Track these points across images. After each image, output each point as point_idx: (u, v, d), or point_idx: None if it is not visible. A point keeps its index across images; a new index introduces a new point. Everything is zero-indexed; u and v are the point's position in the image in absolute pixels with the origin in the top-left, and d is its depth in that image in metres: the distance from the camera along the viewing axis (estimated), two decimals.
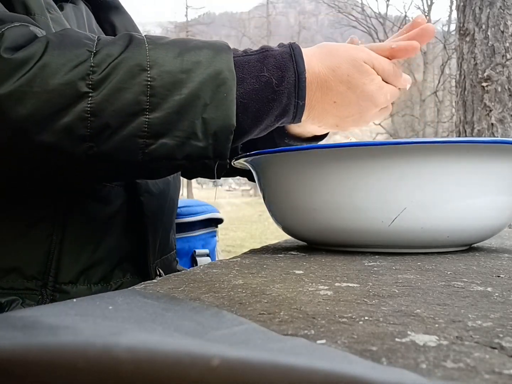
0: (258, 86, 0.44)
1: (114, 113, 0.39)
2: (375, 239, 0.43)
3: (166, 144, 0.41)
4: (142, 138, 0.41)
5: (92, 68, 0.39)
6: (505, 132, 2.21)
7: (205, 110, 0.41)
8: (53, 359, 0.12)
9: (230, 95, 0.42)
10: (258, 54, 0.45)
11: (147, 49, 0.41)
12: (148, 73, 0.40)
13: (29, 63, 0.38)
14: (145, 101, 0.40)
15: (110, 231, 0.51)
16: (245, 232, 7.64)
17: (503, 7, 2.24)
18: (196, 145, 0.42)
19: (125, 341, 0.13)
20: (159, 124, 0.41)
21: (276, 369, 0.12)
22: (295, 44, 0.47)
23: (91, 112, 0.39)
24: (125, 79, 0.40)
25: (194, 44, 0.44)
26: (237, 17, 41.40)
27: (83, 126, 0.39)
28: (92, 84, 0.39)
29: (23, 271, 0.46)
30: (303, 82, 0.46)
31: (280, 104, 0.45)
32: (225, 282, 0.30)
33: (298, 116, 0.48)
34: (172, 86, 0.41)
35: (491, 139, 0.41)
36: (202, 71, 0.42)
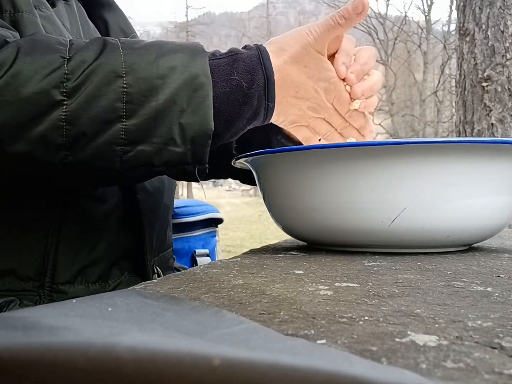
0: (229, 89, 0.44)
1: (90, 120, 0.39)
2: (375, 239, 0.43)
3: (144, 151, 0.41)
4: (119, 145, 0.40)
5: (66, 75, 0.38)
6: (505, 132, 2.21)
7: (182, 116, 0.41)
8: (54, 359, 0.12)
9: (207, 100, 0.42)
10: (227, 57, 0.45)
11: (121, 54, 0.41)
12: (124, 79, 0.40)
13: (0, 71, 0.37)
14: (122, 108, 0.39)
15: (106, 230, 0.51)
16: (245, 232, 7.64)
17: (503, 7, 2.24)
18: (174, 151, 0.41)
19: (126, 341, 0.13)
20: (136, 131, 0.40)
21: (276, 369, 0.12)
22: (262, 46, 0.47)
23: (66, 121, 0.38)
24: (100, 86, 0.39)
25: (169, 48, 0.43)
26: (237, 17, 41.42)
27: (58, 135, 0.38)
28: (66, 92, 0.38)
29: (19, 272, 0.45)
30: (272, 84, 0.46)
31: (251, 107, 0.45)
32: (225, 282, 0.30)
33: (268, 117, 0.48)
34: (148, 92, 0.40)
35: (491, 139, 0.41)
36: (178, 76, 0.41)
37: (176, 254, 0.83)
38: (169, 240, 0.67)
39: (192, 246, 0.87)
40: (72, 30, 0.54)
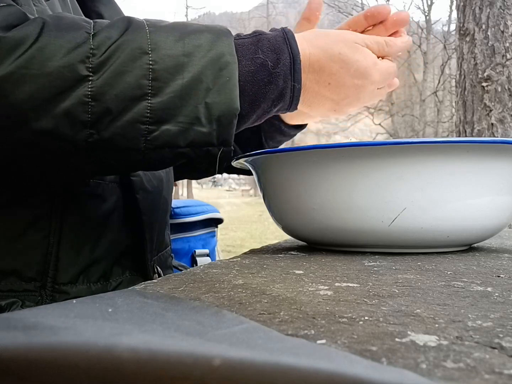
0: (254, 68, 0.43)
1: (115, 97, 0.38)
2: (375, 239, 0.43)
3: (169, 131, 0.40)
4: (144, 124, 0.39)
5: (92, 50, 0.38)
6: (505, 132, 2.21)
7: (207, 95, 0.40)
8: (55, 359, 0.12)
9: (232, 79, 0.41)
10: (252, 37, 0.45)
11: (147, 31, 0.40)
12: (150, 56, 0.39)
13: (25, 43, 0.37)
14: (147, 85, 0.39)
15: (107, 229, 0.51)
16: (245, 232, 7.64)
17: (503, 7, 2.24)
18: (200, 131, 0.40)
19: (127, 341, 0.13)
20: (161, 110, 0.39)
21: (277, 369, 0.12)
22: (287, 28, 0.47)
23: (91, 97, 0.38)
24: (126, 62, 0.38)
25: (195, 28, 0.42)
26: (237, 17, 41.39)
27: (83, 111, 0.38)
28: (92, 67, 0.38)
29: (21, 273, 0.45)
30: (298, 64, 0.45)
31: (277, 87, 0.44)
32: (225, 282, 0.30)
33: (295, 101, 0.47)
34: (174, 70, 0.40)
35: (491, 139, 0.41)
36: (203, 54, 0.41)
37: (176, 254, 0.83)
38: (167, 239, 0.67)
39: (192, 246, 0.87)
40: None
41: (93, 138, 0.39)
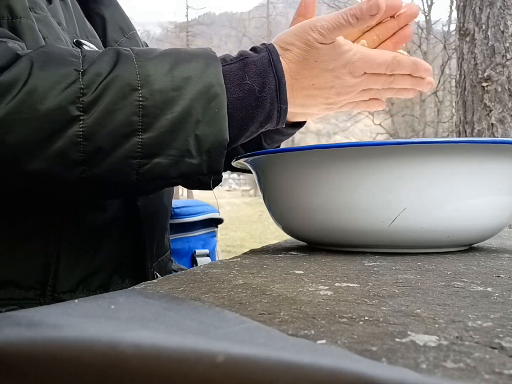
0: (242, 94, 0.44)
1: (107, 135, 0.39)
2: (375, 239, 0.43)
3: (160, 164, 0.41)
4: (136, 158, 0.40)
5: (82, 90, 0.38)
6: (505, 132, 2.21)
7: (197, 127, 0.41)
8: (59, 354, 0.12)
9: (221, 110, 0.42)
10: (238, 62, 0.45)
11: (136, 66, 0.40)
12: (140, 92, 0.40)
13: (15, 87, 0.37)
14: (138, 121, 0.39)
15: (107, 238, 0.51)
16: (245, 232, 7.64)
17: (503, 7, 2.24)
18: (190, 163, 0.41)
19: (131, 337, 0.13)
20: (152, 144, 0.40)
21: (280, 366, 0.12)
22: (271, 46, 0.47)
23: (83, 136, 0.38)
24: (116, 100, 0.39)
25: (183, 57, 0.43)
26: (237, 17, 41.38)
27: (75, 151, 0.38)
28: (83, 107, 0.38)
29: (20, 282, 0.45)
30: (283, 86, 0.46)
31: (264, 110, 0.45)
32: (225, 282, 0.30)
33: (282, 120, 0.48)
34: (164, 105, 0.40)
35: (491, 139, 0.41)
36: (192, 87, 0.41)
37: (176, 254, 0.83)
38: (167, 243, 0.67)
39: (192, 246, 0.87)
40: (68, 28, 0.53)
41: (86, 174, 0.40)
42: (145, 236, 0.54)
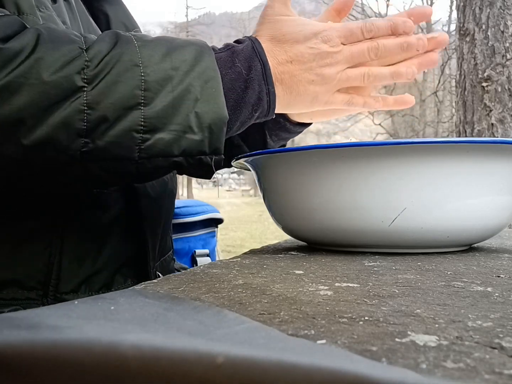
0: (234, 76, 0.46)
1: (110, 105, 0.39)
2: (375, 239, 0.43)
3: (163, 139, 0.41)
4: (139, 132, 0.40)
5: (86, 62, 0.39)
6: (505, 132, 2.21)
7: (196, 104, 0.42)
8: (59, 356, 0.12)
9: (218, 90, 0.43)
10: (226, 50, 0.47)
11: (136, 46, 0.42)
12: (141, 69, 0.41)
13: (23, 53, 0.38)
14: (140, 95, 0.40)
15: (110, 238, 0.51)
16: (245, 232, 7.64)
17: (503, 7, 2.24)
18: (192, 139, 0.42)
19: (131, 339, 0.13)
20: (154, 118, 0.41)
21: (280, 367, 0.12)
22: (252, 37, 0.49)
23: (87, 105, 0.39)
24: (119, 73, 0.40)
25: (178, 43, 0.44)
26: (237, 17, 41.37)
27: (79, 119, 0.39)
28: (87, 78, 0.39)
29: (23, 282, 0.45)
30: (269, 70, 0.48)
31: (254, 92, 0.47)
32: (225, 282, 0.30)
33: (272, 105, 0.49)
34: (164, 82, 0.41)
35: (491, 139, 0.41)
36: (189, 68, 0.43)
37: (176, 254, 0.83)
38: (170, 243, 0.67)
39: (192, 246, 0.87)
40: (72, 28, 0.54)
41: (88, 147, 0.40)
42: (147, 236, 0.54)
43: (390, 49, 0.50)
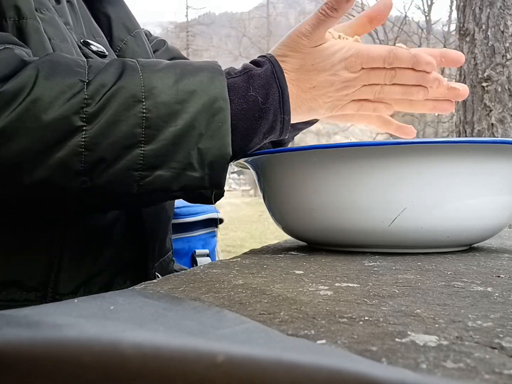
0: (246, 106, 0.44)
1: (109, 146, 0.39)
2: (375, 239, 0.43)
3: (162, 176, 0.41)
4: (138, 170, 0.40)
5: (86, 100, 0.38)
6: (505, 132, 2.21)
7: (200, 140, 0.41)
8: (59, 354, 0.12)
9: (225, 124, 0.42)
10: (243, 75, 0.46)
11: (141, 78, 0.41)
12: (144, 104, 0.40)
13: (20, 95, 0.37)
14: (141, 133, 0.40)
15: (110, 241, 0.51)
16: (245, 232, 7.64)
17: (503, 7, 2.24)
18: (192, 176, 0.42)
19: (131, 338, 0.13)
20: (154, 156, 0.40)
21: (280, 366, 0.12)
22: (273, 58, 0.48)
23: (85, 147, 0.38)
24: (120, 111, 0.39)
25: (188, 70, 0.43)
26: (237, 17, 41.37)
27: (77, 161, 0.38)
28: (86, 118, 0.38)
29: (22, 283, 0.45)
30: (287, 97, 0.46)
31: (267, 121, 0.46)
32: (225, 282, 0.30)
33: (285, 131, 0.48)
34: (167, 117, 0.40)
35: (491, 139, 0.41)
36: (196, 101, 0.41)
37: (176, 254, 0.83)
38: (169, 244, 0.67)
39: (192, 246, 0.87)
40: (75, 29, 0.53)
41: (87, 185, 0.40)
42: (147, 238, 0.54)
43: (406, 79, 0.50)
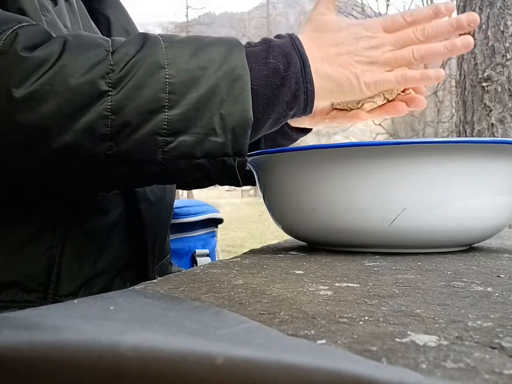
0: (267, 72, 0.45)
1: (134, 110, 0.40)
2: (375, 239, 0.43)
3: (185, 141, 0.41)
4: (162, 136, 0.41)
5: (111, 66, 0.40)
6: (505, 132, 2.21)
7: (222, 106, 0.42)
8: (58, 357, 0.12)
9: (245, 91, 0.42)
10: (262, 44, 0.46)
11: (163, 47, 0.42)
12: (166, 70, 0.41)
13: (49, 61, 0.38)
14: (165, 98, 0.40)
15: (110, 242, 0.51)
16: (245, 232, 7.63)
17: (503, 7, 2.24)
18: (215, 141, 0.42)
19: (130, 340, 0.13)
20: (178, 121, 0.41)
21: (279, 367, 0.12)
22: (294, 34, 0.48)
23: (111, 110, 0.39)
24: (144, 76, 0.40)
25: (207, 41, 0.44)
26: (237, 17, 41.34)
27: (103, 125, 0.39)
28: (112, 83, 0.39)
29: (23, 284, 0.45)
30: (308, 67, 0.46)
31: (290, 90, 0.46)
32: (225, 282, 0.30)
33: (310, 103, 0.48)
34: (190, 83, 0.41)
35: (491, 139, 0.41)
36: (217, 68, 0.42)
37: (176, 254, 0.83)
38: (168, 246, 0.67)
39: (192, 246, 0.87)
40: (73, 29, 0.53)
41: (112, 150, 0.40)
42: (147, 240, 0.54)
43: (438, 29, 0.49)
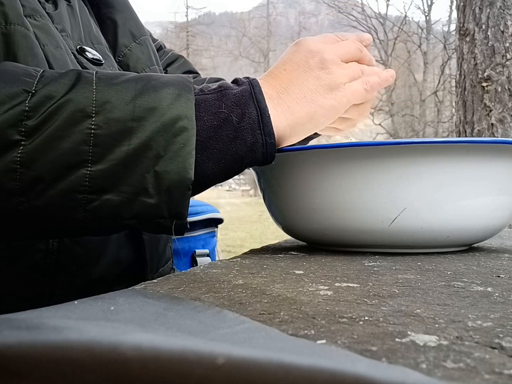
0: (217, 123, 0.40)
1: (48, 164, 0.35)
2: (375, 239, 0.43)
3: (111, 201, 0.36)
4: (83, 193, 0.36)
5: (26, 113, 0.35)
6: (505, 132, 2.21)
7: (157, 163, 0.36)
8: (59, 357, 0.12)
9: (188, 146, 0.37)
10: (216, 92, 0.41)
11: (94, 91, 0.37)
12: (93, 120, 0.36)
13: None
14: (87, 151, 0.35)
15: (106, 250, 0.50)
16: (245, 232, 7.63)
17: (503, 7, 2.24)
18: (147, 202, 0.37)
19: (131, 340, 0.13)
20: (102, 178, 0.36)
21: (280, 367, 0.12)
22: (255, 80, 0.43)
23: (21, 163, 0.34)
24: (64, 126, 0.35)
25: (155, 84, 0.39)
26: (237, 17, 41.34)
27: (10, 179, 0.35)
28: (25, 131, 0.34)
29: (17, 295, 0.44)
30: (267, 118, 0.41)
31: (245, 143, 0.40)
32: (225, 282, 0.30)
33: (270, 156, 0.42)
34: (119, 136, 0.36)
35: (491, 139, 0.41)
36: (156, 119, 0.37)
37: (176, 254, 0.83)
38: (169, 253, 0.65)
39: (192, 246, 0.87)
40: (72, 34, 0.53)
41: (24, 206, 0.36)
42: (145, 248, 0.53)
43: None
